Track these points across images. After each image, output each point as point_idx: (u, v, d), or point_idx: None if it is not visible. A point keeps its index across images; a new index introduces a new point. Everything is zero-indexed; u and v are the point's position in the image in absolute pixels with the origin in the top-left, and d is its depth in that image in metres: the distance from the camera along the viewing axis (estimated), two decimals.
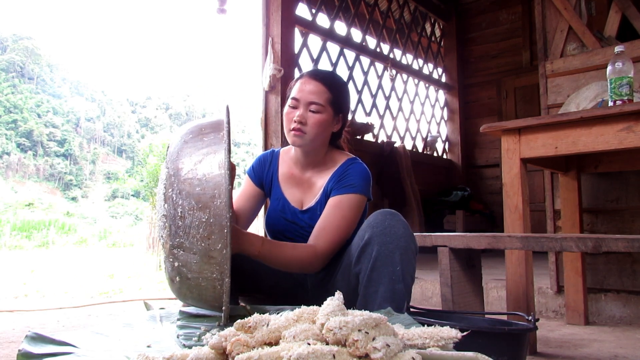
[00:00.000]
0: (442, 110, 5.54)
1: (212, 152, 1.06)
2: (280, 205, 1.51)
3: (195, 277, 1.03)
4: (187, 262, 1.03)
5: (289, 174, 1.53)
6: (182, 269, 1.04)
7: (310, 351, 0.69)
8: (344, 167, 1.46)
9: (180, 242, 1.03)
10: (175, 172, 1.07)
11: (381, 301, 1.22)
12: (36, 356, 0.85)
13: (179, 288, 1.08)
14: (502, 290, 2.49)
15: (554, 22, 2.47)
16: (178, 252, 1.03)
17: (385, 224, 1.26)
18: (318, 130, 1.41)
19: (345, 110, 1.51)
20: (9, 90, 42.50)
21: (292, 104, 1.43)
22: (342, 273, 1.38)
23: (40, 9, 67.52)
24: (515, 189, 1.80)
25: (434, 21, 5.47)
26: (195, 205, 1.02)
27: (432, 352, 0.79)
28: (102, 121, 49.38)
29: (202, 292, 1.05)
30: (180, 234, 1.03)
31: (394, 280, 1.22)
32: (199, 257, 1.01)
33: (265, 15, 3.33)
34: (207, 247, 1.00)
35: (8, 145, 39.76)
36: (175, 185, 1.05)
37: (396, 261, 1.23)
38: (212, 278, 1.02)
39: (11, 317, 2.49)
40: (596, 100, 2.13)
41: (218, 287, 1.02)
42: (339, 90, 1.46)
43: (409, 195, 4.35)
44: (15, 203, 30.11)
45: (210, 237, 1.00)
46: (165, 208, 1.06)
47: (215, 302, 1.06)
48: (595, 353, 1.71)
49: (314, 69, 1.54)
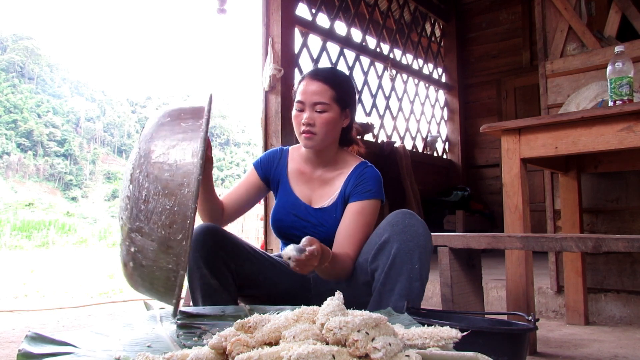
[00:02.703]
0: (442, 110, 5.54)
1: (188, 138, 1.02)
2: (290, 201, 1.51)
3: (149, 265, 0.99)
4: (144, 248, 0.98)
5: (299, 171, 1.54)
6: (138, 254, 0.99)
7: (310, 351, 0.69)
8: (359, 170, 1.49)
9: (140, 226, 0.98)
10: (146, 153, 1.03)
11: (397, 298, 1.24)
12: (36, 356, 0.85)
13: (131, 274, 1.03)
14: (502, 290, 2.49)
15: (554, 22, 2.47)
16: (136, 237, 0.99)
17: (405, 223, 1.29)
18: (327, 129, 1.43)
19: (351, 105, 1.51)
20: (9, 90, 42.53)
21: (298, 107, 1.45)
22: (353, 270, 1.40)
23: (40, 9, 67.44)
24: (515, 189, 1.80)
25: (434, 21, 5.47)
26: (161, 190, 0.98)
27: (432, 352, 0.79)
28: (102, 121, 49.41)
29: (155, 282, 1.01)
30: (141, 218, 0.98)
31: (412, 278, 1.25)
32: (156, 244, 0.97)
33: (265, 15, 3.33)
34: (166, 236, 0.96)
35: (8, 145, 39.79)
36: (144, 167, 1.01)
37: (415, 259, 1.26)
38: (167, 268, 0.98)
39: (11, 317, 2.49)
40: (596, 100, 2.13)
41: (172, 278, 0.98)
42: (341, 86, 1.46)
43: (409, 195, 4.35)
44: (15, 203, 30.13)
45: (172, 225, 0.96)
46: (129, 189, 1.02)
47: (166, 294, 1.01)
48: (595, 353, 1.71)
49: (315, 68, 1.54)
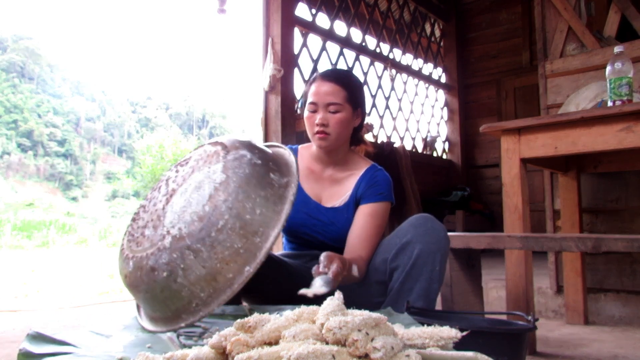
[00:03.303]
0: (442, 110, 5.54)
1: (276, 195, 1.03)
2: (300, 199, 1.52)
3: (183, 285, 0.97)
4: (190, 269, 0.96)
5: (309, 169, 1.56)
6: (179, 271, 0.97)
7: (310, 351, 0.69)
8: (371, 173, 1.52)
9: (199, 248, 0.96)
10: (236, 187, 1.01)
11: (415, 298, 1.28)
12: (37, 356, 0.85)
13: (153, 280, 0.99)
14: (502, 290, 2.49)
15: (553, 22, 2.47)
16: (189, 255, 0.97)
17: (428, 226, 1.33)
18: (341, 128, 1.45)
19: (362, 104, 1.54)
20: (9, 90, 42.52)
21: (311, 108, 1.47)
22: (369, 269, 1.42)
23: (40, 9, 67.46)
24: (515, 189, 1.80)
25: (433, 21, 5.46)
26: (238, 228, 0.97)
27: (432, 352, 0.79)
28: (102, 121, 49.41)
29: (173, 299, 0.98)
30: (206, 243, 0.96)
31: (432, 279, 1.29)
32: (205, 272, 0.96)
33: (265, 15, 3.33)
34: (219, 270, 0.96)
35: (8, 145, 39.78)
36: (229, 199, 0.99)
37: (437, 262, 1.29)
38: (196, 295, 0.96)
39: (11, 317, 2.49)
40: (596, 101, 2.13)
41: (194, 305, 0.97)
42: (353, 86, 1.49)
43: (408, 195, 4.35)
44: (16, 203, 30.15)
45: (230, 263, 0.96)
46: (205, 210, 0.99)
47: (173, 317, 0.99)
48: (595, 353, 1.71)
49: (325, 70, 1.56)
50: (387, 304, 1.32)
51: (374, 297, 1.39)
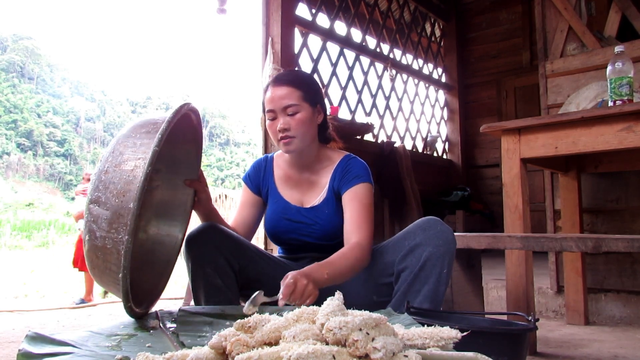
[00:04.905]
0: (442, 110, 5.54)
1: (148, 144, 1.09)
2: (280, 207, 1.51)
3: (102, 236, 1.02)
4: (99, 217, 1.02)
5: (286, 176, 1.55)
6: (93, 225, 1.03)
7: (310, 351, 0.68)
8: (344, 163, 1.50)
9: (98, 196, 1.04)
10: (120, 141, 1.10)
11: (422, 299, 1.28)
12: (36, 356, 0.85)
13: (87, 251, 1.06)
14: (502, 290, 2.49)
15: (554, 22, 2.47)
16: (93, 207, 1.04)
17: (437, 229, 1.33)
18: (304, 129, 1.43)
19: (320, 100, 1.52)
20: (9, 90, 42.54)
21: (270, 116, 1.45)
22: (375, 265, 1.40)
23: (40, 9, 67.44)
24: (515, 189, 1.80)
25: (434, 21, 5.46)
26: (120, 162, 1.05)
27: (432, 352, 0.79)
28: (102, 121, 49.42)
29: (107, 257, 1.02)
30: (100, 188, 1.04)
31: (439, 282, 1.29)
32: (110, 212, 1.01)
33: (265, 15, 3.33)
34: (119, 204, 1.01)
35: (8, 145, 39.80)
36: (114, 149, 1.08)
37: (445, 264, 1.29)
38: (117, 239, 1.00)
39: (11, 317, 2.49)
40: (596, 100, 2.13)
41: (121, 250, 1.00)
42: (306, 84, 1.47)
43: (409, 195, 4.35)
44: (15, 203, 30.15)
45: (125, 194, 1.01)
46: (97, 168, 1.09)
47: (118, 272, 1.02)
48: (595, 353, 1.71)
49: (275, 75, 1.55)
50: (394, 305, 1.32)
51: (378, 297, 1.38)
